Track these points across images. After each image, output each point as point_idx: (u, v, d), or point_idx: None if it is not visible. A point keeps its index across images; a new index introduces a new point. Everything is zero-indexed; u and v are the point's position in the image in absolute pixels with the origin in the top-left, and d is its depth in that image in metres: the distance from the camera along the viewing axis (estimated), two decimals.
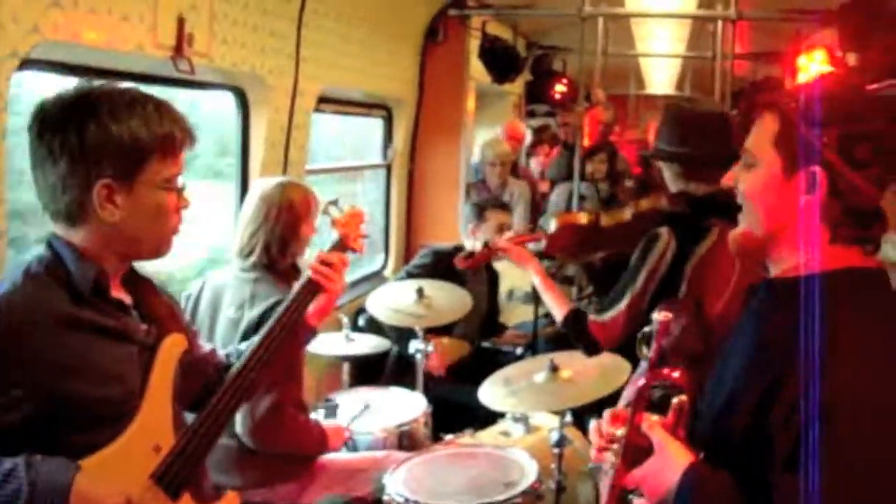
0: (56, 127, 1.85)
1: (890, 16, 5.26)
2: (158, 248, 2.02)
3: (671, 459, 1.61)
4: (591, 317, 2.94)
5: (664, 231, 2.86)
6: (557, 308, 3.09)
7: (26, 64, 2.80)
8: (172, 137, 1.92)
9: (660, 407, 1.75)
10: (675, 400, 1.71)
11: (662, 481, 1.60)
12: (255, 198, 3.23)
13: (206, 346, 2.39)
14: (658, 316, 1.76)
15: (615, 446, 1.74)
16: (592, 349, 2.95)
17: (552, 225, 3.22)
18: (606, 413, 1.84)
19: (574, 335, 3.02)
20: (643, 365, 3.06)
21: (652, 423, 1.68)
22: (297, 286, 2.41)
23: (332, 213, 2.60)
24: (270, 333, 2.26)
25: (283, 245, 3.17)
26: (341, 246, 2.55)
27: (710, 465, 1.60)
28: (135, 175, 1.88)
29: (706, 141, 2.91)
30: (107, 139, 1.83)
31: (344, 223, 2.57)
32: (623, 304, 2.89)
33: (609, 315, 2.90)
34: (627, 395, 3.08)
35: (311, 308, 2.42)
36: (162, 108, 1.93)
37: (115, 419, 1.88)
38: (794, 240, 1.62)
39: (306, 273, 2.42)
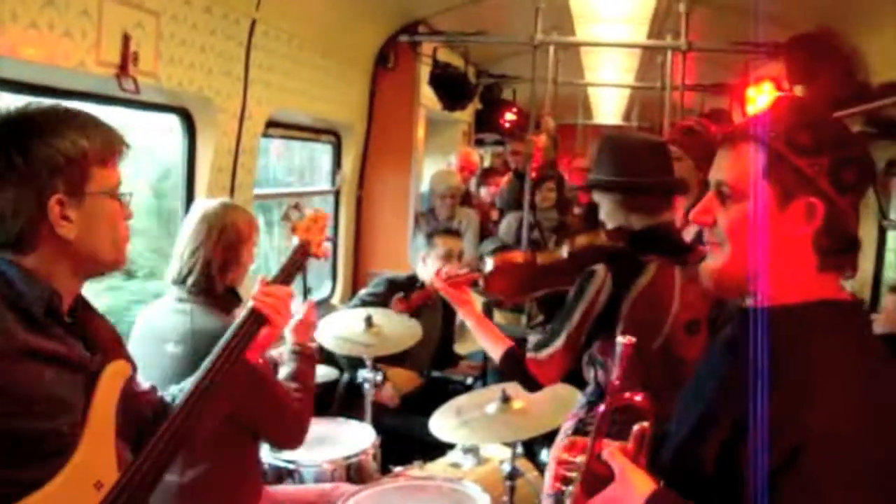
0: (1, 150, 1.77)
1: (836, 49, 5.33)
2: (116, 259, 1.94)
3: (633, 487, 1.56)
4: (529, 355, 2.87)
5: (600, 268, 2.81)
6: (494, 348, 3.01)
7: None
8: (110, 145, 1.87)
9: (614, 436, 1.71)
10: (636, 427, 1.65)
11: None
12: (195, 217, 3.00)
13: (144, 384, 2.25)
14: (622, 339, 1.70)
15: (573, 474, 1.68)
16: (532, 386, 2.89)
17: (488, 264, 3.14)
18: (563, 440, 1.78)
19: (512, 374, 2.95)
20: (581, 399, 3.04)
21: (612, 450, 1.63)
22: (240, 317, 2.25)
23: (293, 219, 2.46)
24: (212, 367, 2.12)
25: (222, 267, 2.93)
26: (303, 252, 2.41)
27: (673, 493, 1.54)
28: (83, 187, 1.81)
29: (646, 170, 2.87)
30: (53, 154, 1.77)
31: (306, 228, 2.44)
32: (559, 342, 2.82)
33: (546, 353, 2.84)
34: (566, 427, 3.03)
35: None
36: (92, 118, 1.88)
37: (57, 454, 1.77)
38: (783, 271, 1.57)
39: (249, 303, 2.27)
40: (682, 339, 2.77)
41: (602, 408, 1.70)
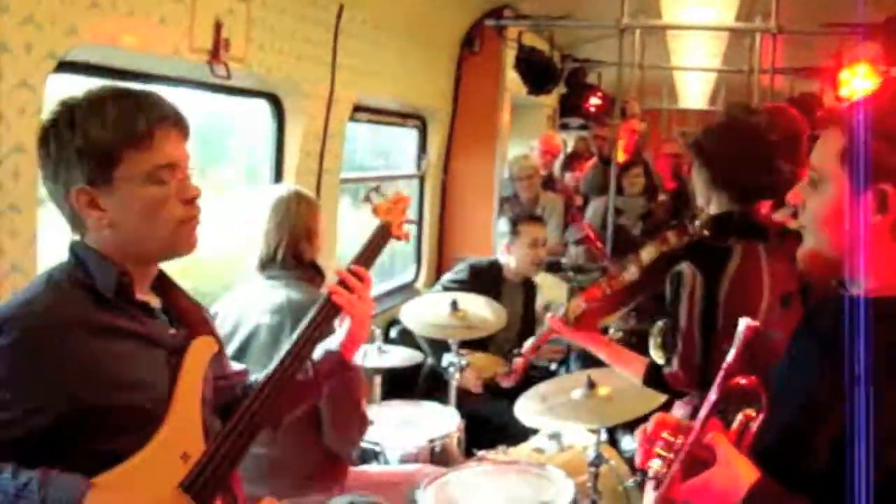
0: (38, 148, 1.84)
1: None
2: (172, 244, 1.90)
3: (735, 474, 1.52)
4: (664, 371, 2.85)
5: (685, 266, 2.76)
6: (632, 371, 3.00)
7: (63, 66, 2.78)
8: (135, 126, 1.80)
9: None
10: (740, 415, 1.62)
11: (725, 495, 1.50)
12: (270, 203, 3.14)
13: (236, 367, 2.31)
14: (744, 322, 1.66)
15: (669, 454, 1.64)
16: (680, 396, 2.87)
17: (569, 314, 3.11)
18: (656, 418, 1.74)
19: (660, 390, 2.94)
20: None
21: (717, 435, 1.58)
22: (316, 305, 2.22)
23: (374, 200, 2.43)
24: (290, 351, 2.11)
25: (306, 242, 3.12)
26: (384, 234, 2.38)
27: (776, 483, 1.51)
28: (110, 175, 1.79)
29: (750, 157, 2.82)
30: (65, 148, 1.78)
31: (387, 210, 2.40)
32: (679, 349, 2.81)
33: (674, 364, 2.82)
34: (680, 415, 2.99)
35: (342, 339, 2.29)
36: (122, 101, 1.83)
37: (142, 426, 1.81)
38: (868, 260, 1.54)
39: (325, 293, 2.25)
40: (779, 312, 2.71)
41: (713, 392, 1.66)
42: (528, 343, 3.26)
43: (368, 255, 2.34)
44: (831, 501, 1.44)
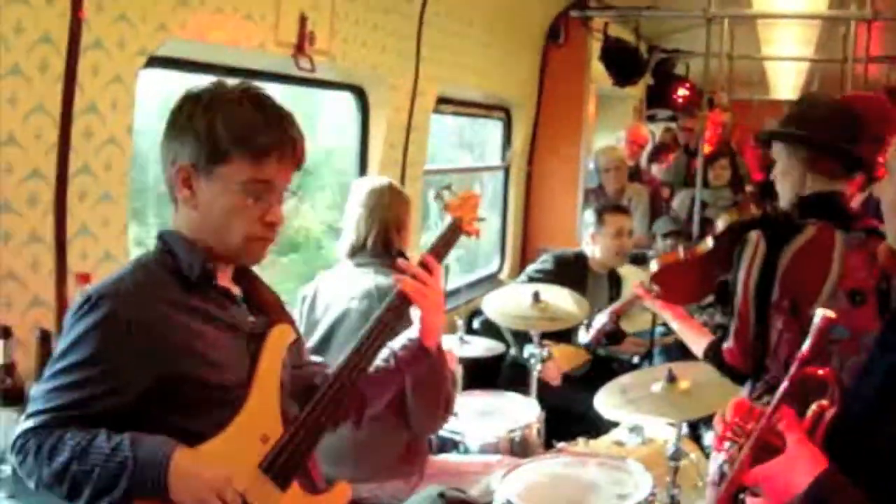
0: (173, 108, 1.93)
1: None
2: (235, 252, 1.96)
3: (804, 462, 1.51)
4: (722, 346, 2.83)
5: (753, 234, 2.72)
6: (697, 345, 2.99)
7: (153, 61, 2.86)
8: (255, 138, 1.87)
9: None
10: (814, 405, 1.60)
11: (791, 483, 1.49)
12: (363, 193, 3.25)
13: (315, 358, 2.37)
14: (821, 312, 1.63)
15: (741, 439, 1.63)
16: (735, 376, 2.84)
17: (650, 269, 3.12)
18: (734, 402, 1.72)
19: (716, 367, 2.91)
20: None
21: (790, 423, 1.57)
22: (388, 299, 2.26)
23: (446, 197, 2.49)
24: (363, 342, 2.15)
25: (396, 232, 3.21)
26: (455, 230, 2.43)
27: (842, 476, 1.50)
28: (214, 166, 1.87)
29: (838, 134, 2.76)
30: (189, 125, 1.87)
31: (458, 206, 2.45)
32: (734, 322, 2.77)
33: (730, 338, 2.79)
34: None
35: (419, 328, 2.33)
36: (256, 106, 1.90)
37: (222, 407, 1.89)
38: None
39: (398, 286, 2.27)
40: (845, 308, 2.65)
41: (785, 380, 1.65)
42: (612, 306, 3.29)
43: (439, 249, 2.39)
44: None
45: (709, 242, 3.05)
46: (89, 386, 1.79)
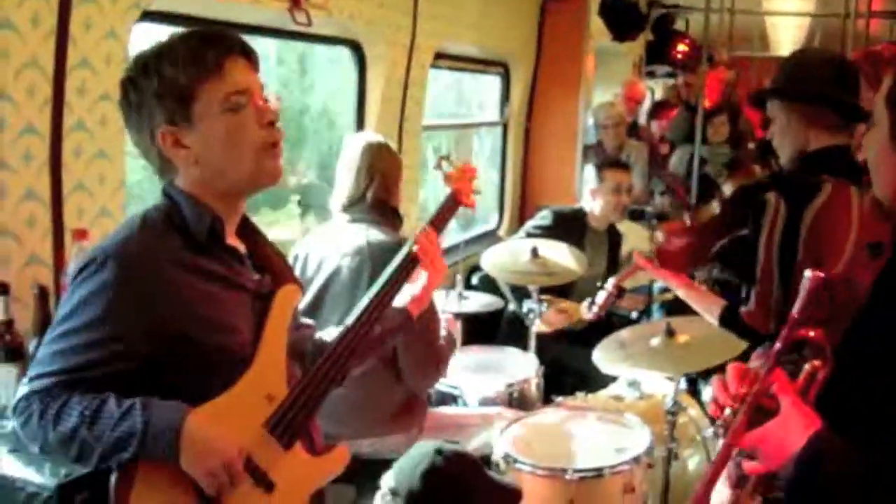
0: (119, 101, 1.90)
1: None
2: (256, 173, 1.91)
3: (797, 423, 1.51)
4: (742, 309, 2.82)
5: (771, 196, 2.70)
6: (710, 310, 2.98)
7: (147, 15, 2.84)
8: (204, 59, 1.84)
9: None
10: (807, 365, 1.60)
11: (785, 445, 1.50)
12: (360, 147, 3.22)
13: (305, 320, 2.38)
14: (810, 273, 1.63)
15: (735, 403, 1.64)
16: (755, 338, 2.83)
17: (655, 239, 3.12)
18: (732, 368, 1.72)
19: (734, 331, 2.91)
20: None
21: (783, 385, 1.57)
22: (399, 255, 2.33)
23: (445, 168, 2.55)
24: (373, 299, 2.21)
25: (392, 188, 3.20)
26: (454, 201, 2.50)
27: (837, 433, 1.50)
28: (189, 112, 1.84)
29: (834, 87, 2.74)
30: (143, 95, 1.84)
31: (457, 178, 2.52)
32: (757, 286, 2.77)
33: (752, 301, 2.79)
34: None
35: (410, 297, 2.40)
36: (189, 38, 1.87)
37: (229, 367, 1.89)
38: None
39: (409, 246, 2.35)
40: (865, 262, 2.64)
41: (777, 342, 1.65)
42: (613, 279, 3.29)
43: (439, 221, 2.45)
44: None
45: (714, 207, 3.04)
46: (95, 349, 1.77)
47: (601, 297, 3.43)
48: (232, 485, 1.79)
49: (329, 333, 2.32)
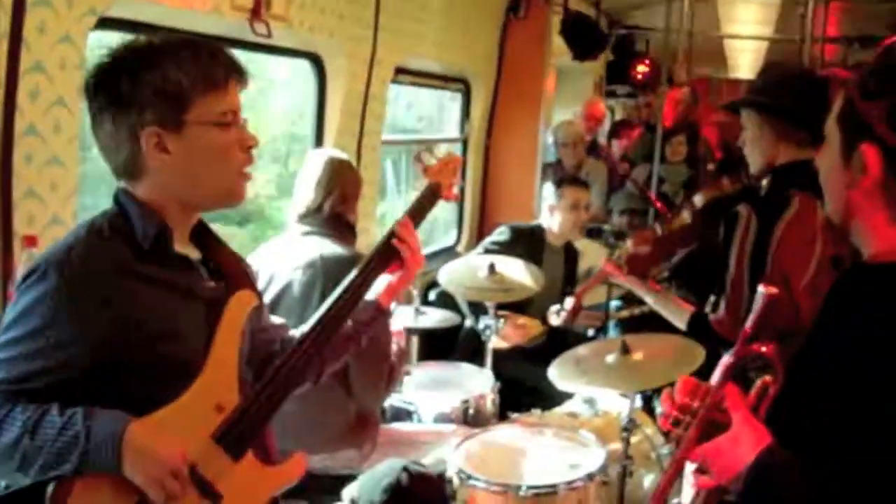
0: (97, 87, 1.84)
1: None
2: (226, 193, 1.93)
3: (748, 438, 1.51)
4: (711, 317, 2.86)
5: (742, 209, 2.77)
6: (678, 316, 3.02)
7: (103, 23, 2.80)
8: (211, 72, 1.85)
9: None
10: (758, 380, 1.60)
11: (736, 459, 1.49)
12: (322, 161, 3.24)
13: (276, 320, 2.34)
14: (763, 289, 1.64)
15: (687, 417, 1.63)
16: (724, 346, 2.86)
17: (622, 255, 3.15)
18: (681, 381, 1.72)
19: (700, 338, 2.95)
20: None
21: (734, 399, 1.57)
22: (377, 245, 2.28)
23: (426, 161, 2.46)
24: (343, 294, 2.16)
25: (349, 203, 3.20)
26: (433, 194, 2.41)
27: (787, 448, 1.50)
28: (181, 117, 1.82)
29: (809, 103, 2.78)
30: (141, 88, 1.80)
31: (437, 171, 2.43)
32: (727, 294, 2.81)
33: (721, 309, 2.82)
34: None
35: (382, 287, 2.34)
36: (197, 47, 1.87)
37: (177, 377, 1.85)
38: (862, 224, 1.54)
39: (387, 235, 2.28)
40: (829, 275, 2.69)
41: (729, 356, 1.65)
42: (581, 285, 3.32)
43: (416, 213, 2.36)
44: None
45: (685, 216, 3.07)
46: (39, 358, 1.74)
47: (569, 302, 3.45)
48: (178, 494, 1.76)
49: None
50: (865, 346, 1.44)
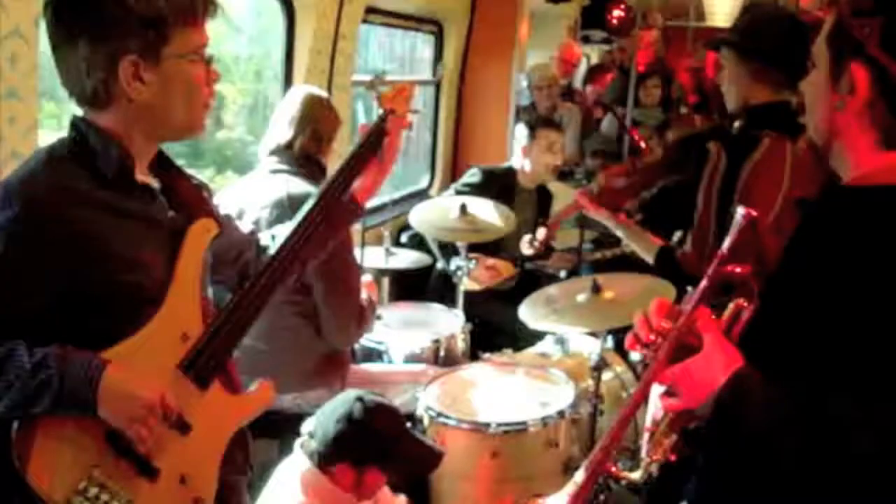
0: (72, 7, 1.78)
1: None
2: (191, 125, 1.92)
3: (719, 360, 1.48)
4: (679, 251, 2.87)
5: (712, 146, 2.78)
6: (647, 249, 3.03)
7: None
8: (192, 5, 1.82)
9: None
10: (731, 303, 1.58)
11: (706, 382, 1.47)
12: (300, 96, 3.19)
13: (244, 228, 2.33)
14: (742, 210, 1.61)
15: (658, 339, 1.61)
16: (690, 282, 2.87)
17: (595, 187, 3.14)
18: (655, 302, 1.69)
19: (667, 272, 2.96)
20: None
21: (706, 322, 1.54)
22: (351, 150, 2.28)
23: (379, 88, 2.43)
24: (314, 207, 2.16)
25: (323, 143, 3.14)
26: (387, 121, 2.37)
27: (758, 371, 1.49)
28: (160, 48, 1.79)
29: (787, 45, 2.78)
30: (126, 14, 1.75)
31: (391, 98, 2.40)
32: (694, 230, 2.82)
33: (688, 243, 2.83)
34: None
35: (357, 185, 2.32)
36: None
37: (140, 307, 1.82)
38: (853, 148, 1.51)
39: (378, 120, 2.31)
40: (793, 217, 2.70)
41: (704, 278, 1.63)
42: (553, 216, 3.31)
43: (369, 141, 2.33)
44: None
45: (657, 152, 3.07)
46: (3, 289, 1.71)
47: (542, 233, 3.43)
48: (157, 430, 1.75)
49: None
50: (843, 269, 1.43)
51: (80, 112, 1.88)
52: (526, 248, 3.53)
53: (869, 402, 1.36)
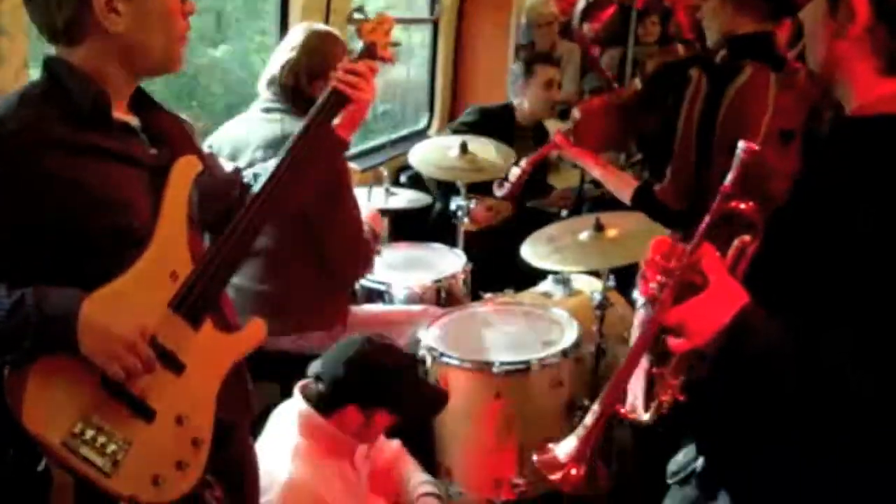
0: None
1: None
2: (167, 59, 1.87)
3: (725, 298, 1.46)
4: (656, 186, 2.81)
5: (693, 72, 2.71)
6: (623, 190, 2.97)
7: None
8: None
9: None
10: (736, 240, 1.55)
11: (713, 319, 1.45)
12: (300, 30, 3.12)
13: (228, 167, 2.30)
14: (743, 144, 1.56)
15: (663, 279, 1.57)
16: (668, 217, 2.82)
17: (571, 119, 3.07)
18: (655, 241, 1.65)
19: (646, 209, 2.91)
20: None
21: (711, 259, 1.51)
22: (321, 97, 2.28)
23: (359, 21, 2.41)
24: (295, 145, 2.15)
25: (317, 74, 3.03)
26: (369, 54, 2.38)
27: (764, 308, 1.46)
28: None
29: None
30: None
31: (371, 30, 2.39)
32: (673, 160, 2.76)
33: (667, 176, 2.78)
34: None
35: (339, 120, 2.32)
36: None
37: (126, 248, 1.78)
38: (849, 76, 1.49)
39: (330, 84, 2.29)
40: (776, 147, 2.65)
41: (708, 215, 1.59)
42: (527, 158, 3.26)
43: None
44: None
45: (637, 83, 3.00)
46: None
47: (514, 174, 3.35)
48: (141, 368, 1.71)
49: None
50: (850, 202, 1.40)
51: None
52: (497, 191, 3.45)
53: (872, 341, 1.35)
